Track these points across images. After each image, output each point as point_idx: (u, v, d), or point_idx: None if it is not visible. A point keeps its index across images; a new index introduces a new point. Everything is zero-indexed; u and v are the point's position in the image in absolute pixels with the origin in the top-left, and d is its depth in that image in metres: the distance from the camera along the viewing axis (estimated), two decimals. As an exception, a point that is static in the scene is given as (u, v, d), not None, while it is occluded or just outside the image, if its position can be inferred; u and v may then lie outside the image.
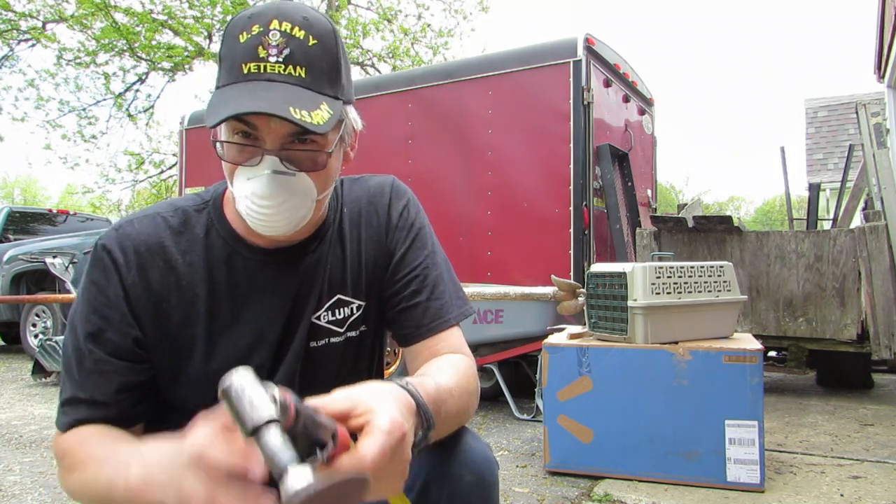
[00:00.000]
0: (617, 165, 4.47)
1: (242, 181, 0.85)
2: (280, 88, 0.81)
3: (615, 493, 2.36)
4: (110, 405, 0.89)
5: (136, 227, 0.93)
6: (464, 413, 0.87)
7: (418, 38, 13.78)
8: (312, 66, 0.84)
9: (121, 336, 0.89)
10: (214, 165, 1.00)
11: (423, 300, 0.99)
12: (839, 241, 3.89)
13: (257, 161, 0.84)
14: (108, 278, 0.90)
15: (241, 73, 0.82)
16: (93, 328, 0.89)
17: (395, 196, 1.05)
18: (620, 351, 2.52)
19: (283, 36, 0.82)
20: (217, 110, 0.80)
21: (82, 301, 0.91)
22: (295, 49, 0.83)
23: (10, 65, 12.94)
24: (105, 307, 0.89)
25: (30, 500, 2.50)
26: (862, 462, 2.71)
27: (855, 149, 5.67)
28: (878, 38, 7.05)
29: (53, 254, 6.36)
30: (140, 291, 0.90)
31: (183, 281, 0.92)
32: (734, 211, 40.25)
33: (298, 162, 0.86)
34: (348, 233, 1.01)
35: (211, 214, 0.96)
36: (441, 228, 4.51)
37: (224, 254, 0.94)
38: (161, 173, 14.50)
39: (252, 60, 0.82)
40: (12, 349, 7.70)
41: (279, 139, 0.84)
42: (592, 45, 4.01)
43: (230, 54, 0.84)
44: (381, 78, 5.03)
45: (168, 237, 0.93)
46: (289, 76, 0.82)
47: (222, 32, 0.88)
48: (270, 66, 0.82)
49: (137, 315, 0.90)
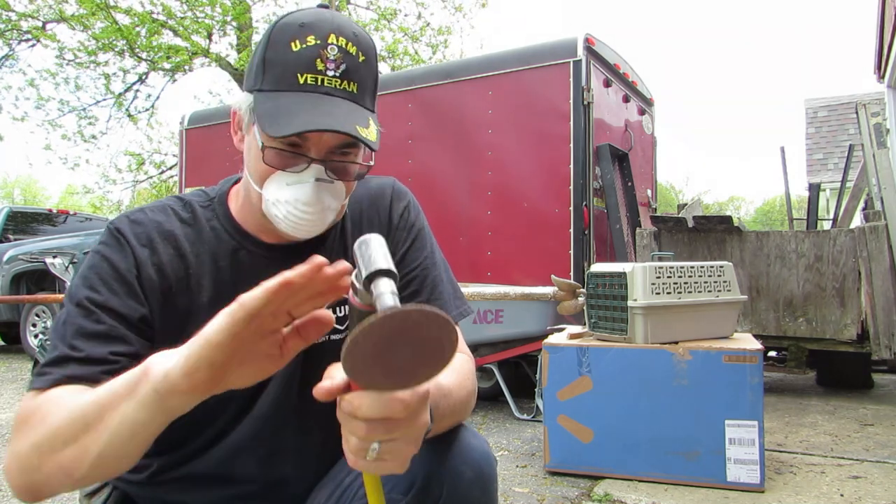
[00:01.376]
0: (617, 165, 4.47)
1: (280, 186, 0.87)
2: (341, 105, 0.85)
3: (615, 493, 2.36)
4: (106, 363, 0.80)
5: (147, 214, 0.94)
6: (462, 411, 0.88)
7: (418, 37, 13.78)
8: (362, 83, 0.88)
9: (128, 309, 0.86)
10: (215, 165, 1.01)
11: (423, 300, 1.01)
12: (839, 241, 3.89)
13: (301, 168, 0.87)
14: (122, 253, 0.89)
15: (295, 82, 0.84)
16: (99, 297, 0.85)
17: (395, 197, 1.07)
18: (620, 351, 2.52)
19: (340, 51, 0.85)
20: (283, 120, 0.82)
21: (88, 272, 0.87)
22: (350, 65, 0.86)
23: (11, 64, 12.95)
24: (115, 280, 0.87)
25: (30, 500, 2.50)
26: (862, 462, 2.71)
27: (855, 149, 5.67)
28: (878, 38, 7.05)
29: (53, 254, 6.36)
30: (152, 272, 0.90)
31: (191, 270, 0.93)
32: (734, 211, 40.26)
33: (338, 171, 0.90)
34: (350, 232, 1.03)
35: (217, 210, 0.98)
36: (441, 228, 4.53)
37: (230, 248, 0.96)
38: (162, 174, 14.50)
39: (309, 72, 0.84)
40: (12, 349, 7.70)
41: (325, 149, 0.87)
42: (592, 45, 4.01)
43: (280, 60, 0.85)
44: (381, 78, 5.01)
45: (178, 227, 0.94)
46: (343, 91, 0.86)
47: (265, 35, 0.89)
48: (328, 80, 0.85)
49: (147, 293, 0.89)
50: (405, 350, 0.56)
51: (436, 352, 0.58)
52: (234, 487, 0.97)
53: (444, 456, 0.84)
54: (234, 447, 0.96)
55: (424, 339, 0.56)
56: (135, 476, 0.98)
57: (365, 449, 0.62)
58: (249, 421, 0.96)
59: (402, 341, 0.55)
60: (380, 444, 0.61)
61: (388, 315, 0.53)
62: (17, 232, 7.70)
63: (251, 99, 0.88)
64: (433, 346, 0.57)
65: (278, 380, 0.95)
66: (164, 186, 14.70)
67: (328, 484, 0.97)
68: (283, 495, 0.99)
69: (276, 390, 0.96)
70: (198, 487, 0.97)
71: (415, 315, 0.54)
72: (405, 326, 0.54)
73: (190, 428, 0.93)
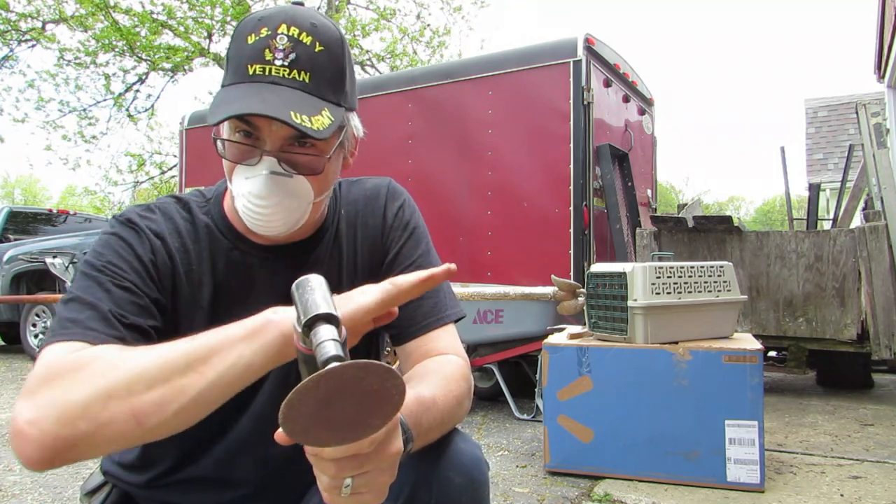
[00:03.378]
0: (617, 165, 4.47)
1: (241, 180, 0.87)
2: (283, 92, 0.83)
3: (615, 493, 2.36)
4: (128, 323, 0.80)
5: (151, 210, 0.95)
6: (450, 420, 0.85)
7: (417, 37, 13.78)
8: (317, 72, 0.86)
9: (148, 289, 0.86)
10: (215, 166, 1.01)
11: (417, 297, 1.00)
12: (839, 241, 3.89)
13: (255, 161, 0.86)
14: (138, 236, 0.89)
15: (245, 73, 0.84)
16: (116, 269, 0.83)
17: (391, 197, 1.07)
18: (620, 351, 2.52)
19: (290, 41, 0.84)
20: (220, 109, 0.81)
21: (104, 249, 0.86)
22: (301, 54, 0.84)
23: (10, 65, 12.94)
24: (134, 258, 0.86)
25: (30, 500, 2.50)
26: (862, 462, 2.71)
27: (855, 149, 5.67)
28: (878, 39, 7.05)
29: (53, 254, 6.36)
30: (166, 258, 0.90)
31: (193, 266, 0.93)
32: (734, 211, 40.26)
33: (296, 165, 0.87)
34: (345, 234, 1.03)
35: (212, 211, 0.98)
36: (441, 228, 4.54)
37: (225, 248, 0.96)
38: (163, 174, 14.50)
39: (257, 62, 0.83)
40: (12, 349, 7.70)
41: (279, 141, 0.86)
42: (592, 45, 4.01)
43: (237, 54, 0.85)
44: (382, 78, 5.04)
45: (181, 223, 0.95)
46: (293, 80, 0.84)
47: (232, 33, 0.89)
48: (275, 70, 0.84)
49: (161, 279, 0.89)
50: (348, 405, 0.53)
51: (383, 401, 0.55)
52: (232, 491, 0.97)
53: (432, 463, 0.83)
54: (232, 448, 0.96)
55: (367, 392, 0.54)
56: (135, 478, 0.98)
57: (338, 486, 0.61)
58: (247, 419, 0.96)
59: (342, 398, 0.53)
60: (353, 479, 0.61)
61: (322, 375, 0.51)
62: (17, 232, 7.69)
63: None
64: (379, 397, 0.55)
65: (275, 377, 0.95)
66: (165, 187, 14.70)
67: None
68: (281, 499, 0.99)
69: (273, 388, 0.95)
70: (197, 491, 0.97)
71: (350, 371, 0.52)
72: (342, 383, 0.52)
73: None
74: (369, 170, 1.17)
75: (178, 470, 0.96)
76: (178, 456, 0.96)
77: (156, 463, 0.97)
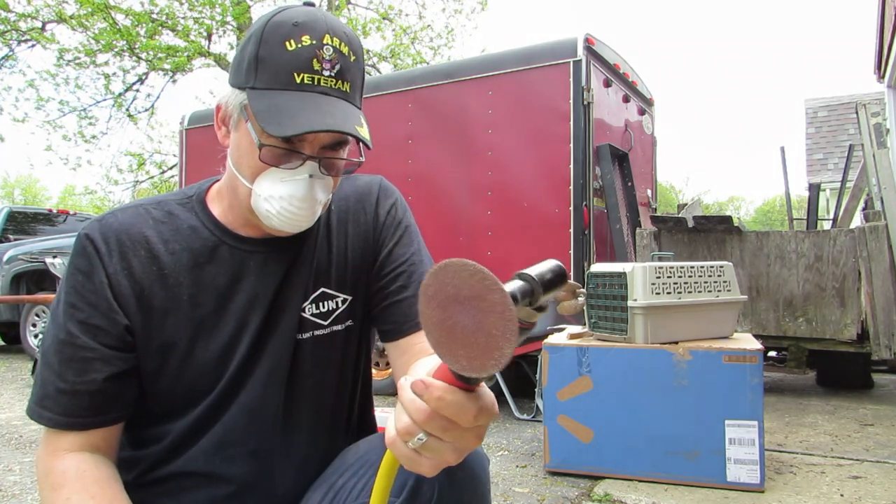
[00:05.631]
0: (617, 165, 4.47)
1: (274, 182, 0.89)
2: (337, 104, 0.87)
3: (615, 493, 2.36)
4: (94, 395, 0.89)
5: (118, 217, 0.96)
6: None
7: (418, 37, 13.77)
8: (353, 82, 0.91)
9: (109, 322, 0.91)
10: (215, 165, 1.01)
11: (410, 295, 1.01)
12: (839, 241, 3.89)
13: (297, 165, 0.89)
14: (91, 265, 0.92)
15: (292, 81, 0.86)
16: (80, 315, 0.90)
17: (383, 195, 1.08)
18: (620, 351, 2.52)
19: (335, 52, 0.87)
20: (286, 121, 0.84)
21: (67, 289, 0.92)
22: (343, 65, 0.89)
23: (10, 65, 12.94)
24: (91, 293, 0.91)
25: (30, 500, 2.50)
26: (862, 462, 2.71)
27: (855, 149, 5.67)
28: (878, 38, 7.05)
29: (53, 254, 6.36)
30: (122, 279, 0.92)
31: (165, 270, 0.94)
32: (734, 211, 40.25)
33: (329, 167, 0.92)
34: (335, 228, 1.04)
35: (195, 208, 0.99)
36: (441, 228, 4.52)
37: (210, 244, 0.97)
38: (163, 174, 14.50)
39: (305, 71, 0.86)
40: (12, 349, 7.70)
41: (318, 145, 0.90)
42: (592, 45, 4.01)
43: (275, 59, 0.86)
44: (382, 78, 5.04)
45: (150, 227, 0.96)
46: (338, 90, 0.89)
47: (251, 32, 0.89)
48: (325, 80, 0.87)
49: (121, 303, 0.92)
50: (464, 314, 0.52)
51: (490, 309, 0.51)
52: (221, 488, 0.96)
53: None
54: (219, 441, 0.95)
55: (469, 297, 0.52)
56: (123, 476, 0.98)
57: (413, 434, 0.58)
58: (237, 411, 0.95)
59: (451, 300, 0.53)
60: (427, 438, 0.58)
61: (431, 272, 0.53)
62: (17, 232, 7.69)
63: (243, 96, 0.89)
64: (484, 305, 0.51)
65: (263, 369, 0.95)
66: (165, 186, 14.70)
67: (321, 486, 0.97)
68: (272, 498, 0.98)
69: (262, 379, 0.96)
70: (186, 489, 0.96)
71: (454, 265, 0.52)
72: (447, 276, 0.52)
73: (173, 406, 0.95)
74: (369, 170, 1.16)
75: (167, 463, 0.95)
76: (168, 447, 0.95)
77: (143, 457, 0.96)
